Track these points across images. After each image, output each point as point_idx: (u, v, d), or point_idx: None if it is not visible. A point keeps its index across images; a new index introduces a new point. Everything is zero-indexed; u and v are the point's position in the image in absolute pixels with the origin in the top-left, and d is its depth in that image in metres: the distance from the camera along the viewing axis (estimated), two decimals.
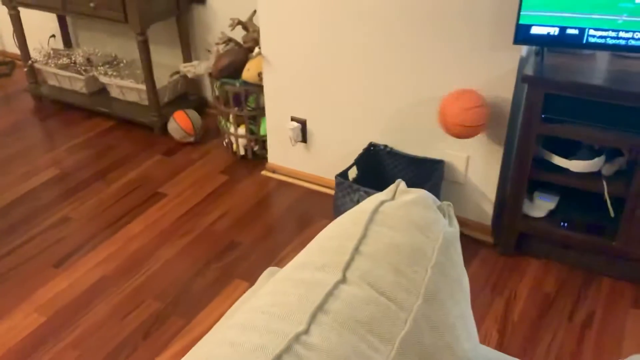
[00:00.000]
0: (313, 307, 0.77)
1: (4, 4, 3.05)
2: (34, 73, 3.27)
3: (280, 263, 2.11)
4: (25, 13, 3.52)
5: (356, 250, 0.85)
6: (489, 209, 2.17)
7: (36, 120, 3.19)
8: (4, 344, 1.81)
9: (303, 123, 2.41)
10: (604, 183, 1.88)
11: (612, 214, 1.94)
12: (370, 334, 0.76)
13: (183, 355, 1.75)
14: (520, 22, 1.74)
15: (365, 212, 0.91)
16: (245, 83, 2.51)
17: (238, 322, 0.79)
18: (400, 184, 0.98)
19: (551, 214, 2.07)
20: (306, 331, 0.75)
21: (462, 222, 2.23)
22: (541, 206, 2.06)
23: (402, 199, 0.94)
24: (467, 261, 2.12)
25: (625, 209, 1.87)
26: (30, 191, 2.55)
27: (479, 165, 2.11)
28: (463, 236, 2.23)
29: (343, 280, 0.81)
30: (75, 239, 2.25)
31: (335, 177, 2.05)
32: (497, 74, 1.93)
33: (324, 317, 0.76)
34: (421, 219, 0.90)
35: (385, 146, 2.26)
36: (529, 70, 1.83)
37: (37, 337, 1.83)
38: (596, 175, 1.91)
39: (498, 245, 2.16)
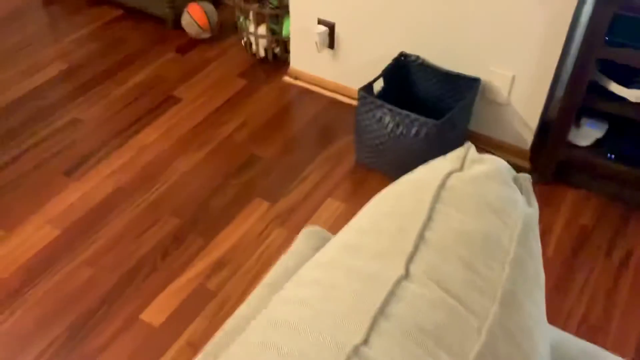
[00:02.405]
0: (373, 310, 0.66)
1: None
2: None
3: (303, 183, 2.00)
4: None
5: (420, 237, 0.72)
6: (529, 133, 2.01)
7: (36, 5, 2.94)
8: (16, 259, 1.75)
9: (331, 27, 2.18)
10: None
11: None
12: (439, 346, 0.65)
13: (203, 277, 1.70)
14: None
15: (430, 186, 0.77)
16: None
17: (280, 320, 0.68)
18: (470, 149, 0.83)
19: (597, 142, 1.91)
20: (365, 341, 0.64)
21: (498, 145, 2.09)
22: (588, 134, 1.90)
23: (473, 170, 0.80)
24: None
25: None
26: (35, 89, 2.39)
27: (524, 86, 1.92)
28: None
29: (406, 275, 0.70)
30: (85, 145, 2.13)
31: (358, 91, 1.88)
32: None
33: (385, 324, 0.65)
34: (497, 199, 0.76)
35: (418, 57, 2.05)
36: None
37: (51, 252, 1.77)
38: None
39: (535, 172, 2.03)
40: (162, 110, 2.29)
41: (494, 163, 0.80)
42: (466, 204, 0.75)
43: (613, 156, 1.86)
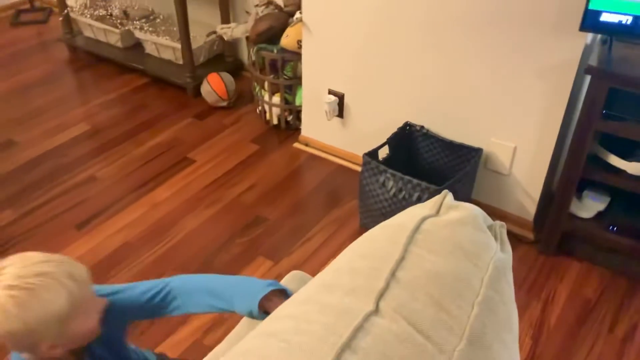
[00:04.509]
0: (340, 342, 0.68)
1: None
2: (69, 23, 3.19)
3: (306, 244, 2.03)
4: None
5: (392, 275, 0.75)
6: (532, 203, 2.03)
7: (70, 71, 3.13)
8: None
9: (341, 97, 2.28)
10: None
11: None
12: None
13: (201, 333, 1.70)
14: (590, 7, 1.56)
15: (405, 229, 0.81)
16: (283, 50, 2.39)
17: (250, 351, 0.70)
18: (447, 196, 0.86)
19: (600, 215, 1.92)
20: None
21: (502, 216, 2.10)
22: (590, 206, 1.91)
23: (448, 216, 0.83)
24: None
25: None
26: (58, 147, 2.51)
27: (526, 157, 1.97)
28: None
29: (376, 311, 0.71)
30: (99, 201, 2.20)
31: (363, 156, 1.93)
32: (557, 60, 1.76)
33: (352, 357, 0.67)
34: (469, 243, 0.79)
35: (422, 127, 2.12)
36: (593, 60, 1.66)
37: None
38: None
39: (539, 242, 2.03)
40: (177, 170, 2.37)
41: (469, 209, 0.83)
42: (439, 246, 0.78)
43: (615, 229, 1.86)
